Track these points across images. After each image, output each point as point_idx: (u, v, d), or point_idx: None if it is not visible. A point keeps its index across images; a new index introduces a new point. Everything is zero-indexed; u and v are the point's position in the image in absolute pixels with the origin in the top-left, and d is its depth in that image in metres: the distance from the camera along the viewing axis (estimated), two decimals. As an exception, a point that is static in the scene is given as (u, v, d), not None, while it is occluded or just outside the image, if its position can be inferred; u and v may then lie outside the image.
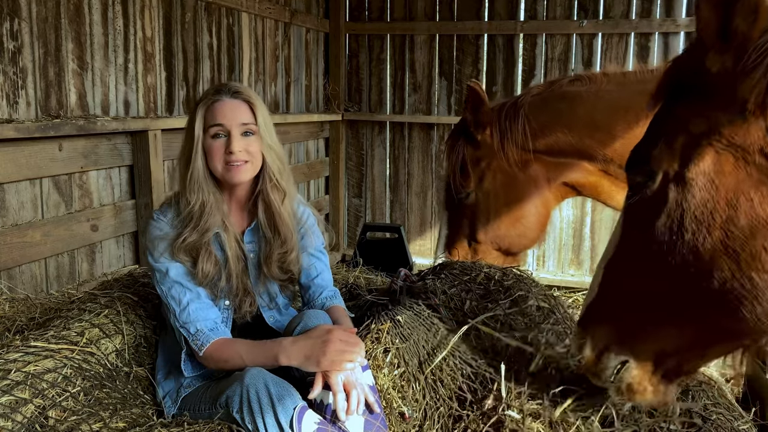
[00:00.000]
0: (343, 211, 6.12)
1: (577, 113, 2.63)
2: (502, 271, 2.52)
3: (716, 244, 1.18)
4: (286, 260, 2.12)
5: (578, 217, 5.47)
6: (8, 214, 2.80)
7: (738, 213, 1.16)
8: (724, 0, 1.11)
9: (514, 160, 2.73)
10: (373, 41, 5.80)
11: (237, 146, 1.94)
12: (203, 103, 2.00)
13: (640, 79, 2.59)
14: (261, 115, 2.02)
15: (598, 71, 2.74)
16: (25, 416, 1.64)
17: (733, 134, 1.17)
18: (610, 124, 2.57)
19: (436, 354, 2.02)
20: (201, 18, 4.03)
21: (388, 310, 2.15)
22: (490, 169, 2.82)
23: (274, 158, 2.05)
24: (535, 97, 2.74)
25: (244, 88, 2.05)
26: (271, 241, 2.09)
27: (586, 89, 2.65)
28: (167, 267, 1.97)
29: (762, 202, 1.15)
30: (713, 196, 1.17)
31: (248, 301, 2.10)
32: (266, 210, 2.08)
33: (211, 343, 1.92)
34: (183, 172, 2.02)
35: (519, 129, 2.68)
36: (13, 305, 2.38)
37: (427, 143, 5.76)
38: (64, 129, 2.92)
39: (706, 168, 1.18)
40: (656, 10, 5.08)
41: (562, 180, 2.80)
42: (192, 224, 1.97)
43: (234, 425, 1.76)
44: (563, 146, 2.68)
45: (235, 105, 1.98)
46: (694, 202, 1.19)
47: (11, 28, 2.76)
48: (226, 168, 1.97)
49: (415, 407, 1.94)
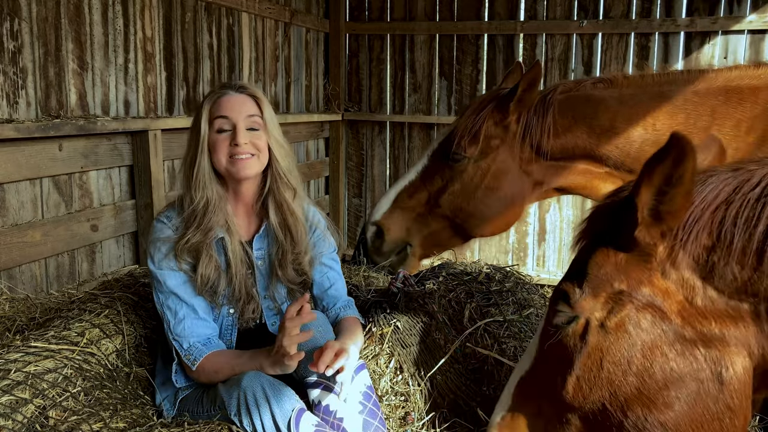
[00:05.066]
0: (343, 211, 6.11)
1: (600, 120, 2.62)
2: (502, 272, 2.52)
3: (632, 390, 1.27)
4: (302, 262, 2.08)
5: (578, 217, 5.47)
6: (8, 214, 2.81)
7: (653, 365, 1.26)
8: (661, 189, 1.21)
9: (523, 156, 2.72)
10: (373, 41, 5.80)
11: (243, 138, 1.93)
12: (209, 98, 1.99)
13: (656, 82, 2.62)
14: (267, 110, 2.01)
15: (618, 73, 2.72)
16: (26, 416, 1.64)
17: (652, 294, 1.27)
18: (628, 131, 2.58)
19: (435, 361, 2.02)
20: (201, 18, 4.03)
21: (387, 313, 2.15)
22: (496, 152, 2.75)
23: (282, 155, 2.03)
24: (563, 98, 2.69)
25: (249, 84, 2.05)
26: (283, 244, 2.05)
27: (609, 93, 2.65)
28: (166, 275, 1.95)
29: (676, 357, 1.25)
30: (631, 347, 1.27)
31: (251, 307, 2.07)
32: (278, 209, 2.05)
33: (204, 357, 1.90)
34: (188, 171, 2.00)
35: (546, 127, 2.64)
36: (13, 305, 2.38)
37: (427, 143, 5.75)
38: (64, 129, 2.92)
39: (626, 321, 1.28)
40: (656, 10, 5.07)
41: (555, 185, 2.77)
42: (195, 223, 1.95)
43: (233, 426, 1.76)
44: (578, 149, 2.66)
45: (241, 99, 1.98)
46: (613, 350, 1.28)
47: (11, 28, 2.76)
48: (231, 161, 1.94)
49: (416, 410, 1.94)
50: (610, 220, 1.34)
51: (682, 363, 1.25)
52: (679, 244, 1.25)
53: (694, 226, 1.24)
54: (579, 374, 1.31)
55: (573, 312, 1.33)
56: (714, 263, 1.23)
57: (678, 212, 1.22)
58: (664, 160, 1.17)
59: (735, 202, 1.23)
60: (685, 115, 2.53)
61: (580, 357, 1.31)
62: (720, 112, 2.46)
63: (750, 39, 4.91)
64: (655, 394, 1.26)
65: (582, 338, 1.32)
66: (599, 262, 1.32)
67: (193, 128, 2.01)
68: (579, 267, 1.37)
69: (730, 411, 1.25)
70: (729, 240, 1.21)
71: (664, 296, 1.27)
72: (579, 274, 1.35)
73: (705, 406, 1.25)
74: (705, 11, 4.97)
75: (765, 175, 1.24)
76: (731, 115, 2.44)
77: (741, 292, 1.23)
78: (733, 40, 4.93)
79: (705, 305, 1.25)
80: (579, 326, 1.32)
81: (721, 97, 2.48)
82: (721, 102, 2.47)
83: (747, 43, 4.92)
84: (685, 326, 1.25)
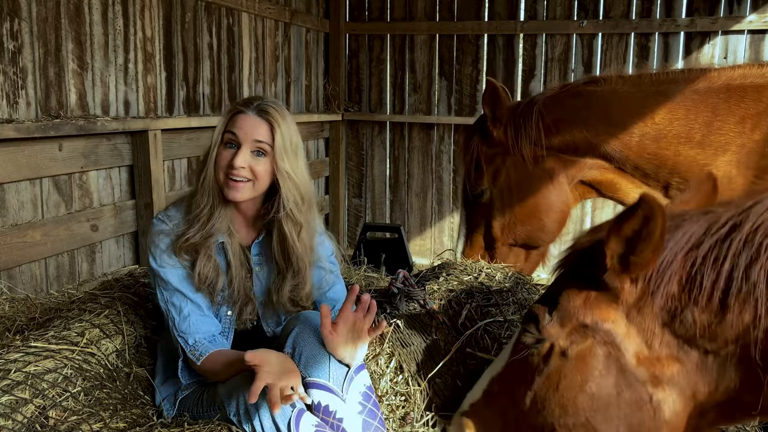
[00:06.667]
0: (343, 211, 6.12)
1: (592, 109, 2.64)
2: (502, 272, 2.52)
3: (579, 415, 1.36)
4: (299, 294, 2.04)
5: (578, 217, 5.47)
6: (8, 214, 2.81)
7: (602, 397, 1.34)
8: (630, 241, 1.26)
9: (528, 156, 2.73)
10: (373, 41, 5.80)
11: (240, 161, 1.86)
12: (230, 110, 1.96)
13: (655, 81, 2.61)
14: (281, 138, 1.91)
15: (613, 73, 2.74)
16: (26, 416, 1.64)
17: (613, 333, 1.34)
18: (626, 122, 2.58)
19: (435, 361, 2.02)
20: (201, 18, 4.03)
21: (387, 313, 2.15)
22: (505, 166, 2.81)
23: (290, 187, 1.94)
24: (550, 96, 2.75)
25: (274, 108, 1.93)
26: (284, 271, 2.01)
27: (602, 89, 2.66)
28: (169, 272, 1.94)
29: (624, 392, 1.33)
30: (586, 377, 1.35)
31: (249, 309, 2.06)
32: (281, 241, 1.99)
33: (210, 353, 1.89)
34: (198, 174, 1.98)
35: (533, 125, 2.68)
36: (13, 305, 2.38)
37: (427, 143, 5.76)
38: (64, 129, 2.92)
39: (585, 354, 1.36)
40: (656, 10, 5.08)
41: (579, 178, 2.80)
42: (198, 225, 1.94)
43: (233, 426, 1.76)
44: (579, 143, 2.68)
45: (255, 122, 1.90)
46: (570, 377, 1.37)
47: (11, 28, 2.76)
48: (225, 181, 1.90)
49: (415, 410, 1.94)
50: (585, 258, 1.41)
51: (630, 400, 1.34)
52: (648, 293, 1.31)
53: (666, 271, 1.30)
54: (537, 391, 1.41)
55: (540, 336, 1.42)
56: (677, 309, 1.29)
57: (646, 264, 1.28)
58: (633, 216, 1.23)
59: (704, 244, 1.28)
60: (685, 110, 2.51)
61: (540, 376, 1.41)
62: (722, 108, 2.45)
63: (750, 39, 4.91)
64: (599, 424, 1.36)
65: (545, 360, 1.41)
66: (570, 295, 1.40)
67: (214, 133, 1.98)
68: (552, 295, 1.46)
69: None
70: (697, 284, 1.27)
71: (625, 337, 1.34)
72: (551, 301, 1.44)
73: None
74: (705, 11, 4.97)
75: (732, 216, 1.29)
76: (734, 111, 2.43)
77: (700, 336, 1.29)
78: (733, 40, 4.93)
79: (661, 350, 1.33)
80: (544, 349, 1.41)
81: (723, 95, 2.46)
82: (722, 100, 2.46)
83: (747, 43, 4.92)
84: (639, 367, 1.33)
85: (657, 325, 1.32)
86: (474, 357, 2.07)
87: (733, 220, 1.29)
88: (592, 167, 2.74)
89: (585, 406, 1.36)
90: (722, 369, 1.30)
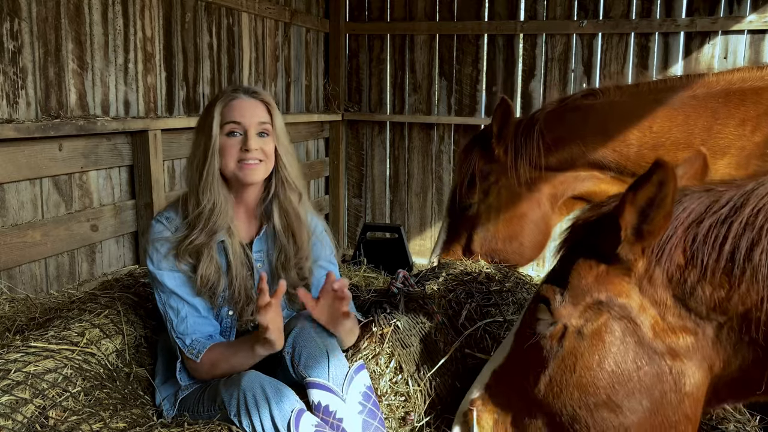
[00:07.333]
0: (343, 211, 6.11)
1: (590, 123, 2.64)
2: (502, 272, 2.52)
3: (600, 394, 1.35)
4: (303, 267, 2.10)
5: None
6: (8, 214, 2.81)
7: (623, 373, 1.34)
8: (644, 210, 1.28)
9: (524, 179, 2.76)
10: (373, 41, 5.80)
11: (254, 144, 1.95)
12: (220, 101, 1.98)
13: (653, 89, 2.61)
14: (277, 117, 2.04)
15: (610, 84, 2.75)
16: (26, 416, 1.64)
17: (629, 307, 1.35)
18: (623, 132, 2.59)
19: (435, 361, 2.02)
20: (201, 18, 4.03)
21: (387, 313, 2.15)
22: (497, 186, 2.85)
23: (290, 161, 2.06)
24: (549, 113, 2.76)
25: (260, 89, 2.07)
26: (286, 248, 2.07)
27: (600, 102, 2.66)
28: (166, 276, 1.96)
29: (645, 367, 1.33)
30: (604, 355, 1.35)
31: (250, 309, 2.06)
32: (283, 213, 2.06)
33: (207, 349, 1.90)
34: (195, 173, 1.98)
35: (534, 144, 2.71)
36: (13, 305, 2.38)
37: (427, 143, 5.76)
38: (64, 129, 2.92)
39: (602, 330, 1.36)
40: (656, 10, 5.07)
41: (570, 194, 2.81)
42: (201, 225, 1.95)
43: (233, 426, 1.76)
44: (576, 158, 2.69)
45: (253, 104, 1.99)
46: (587, 356, 1.36)
47: (11, 28, 2.76)
48: (239, 166, 1.95)
49: (415, 410, 1.94)
50: (593, 233, 1.41)
51: (650, 373, 1.34)
52: (655, 261, 1.33)
53: (668, 243, 1.32)
54: (552, 375, 1.40)
55: (553, 318, 1.40)
56: (686, 282, 1.31)
57: (658, 232, 1.30)
58: (648, 183, 1.25)
59: (705, 222, 1.30)
60: (684, 116, 2.51)
61: (554, 359, 1.40)
62: (722, 112, 2.45)
63: (750, 39, 4.91)
64: (621, 400, 1.35)
65: (559, 342, 1.39)
66: (581, 272, 1.40)
67: (201, 130, 2.00)
68: (560, 275, 1.45)
69: (686, 419, 1.34)
70: (700, 260, 1.29)
71: (640, 310, 1.34)
72: (560, 282, 1.43)
73: (665, 414, 1.34)
74: (705, 11, 4.96)
75: (732, 197, 1.31)
76: (733, 114, 2.43)
77: (710, 310, 1.30)
78: (733, 40, 4.93)
79: (675, 322, 1.33)
80: (557, 330, 1.40)
81: (722, 99, 2.46)
82: (721, 104, 2.45)
83: (747, 43, 4.91)
84: (656, 339, 1.34)
85: (669, 297, 1.33)
86: (474, 356, 2.07)
87: (734, 201, 1.30)
88: (586, 179, 2.74)
89: (605, 384, 1.35)
90: (736, 343, 1.31)
